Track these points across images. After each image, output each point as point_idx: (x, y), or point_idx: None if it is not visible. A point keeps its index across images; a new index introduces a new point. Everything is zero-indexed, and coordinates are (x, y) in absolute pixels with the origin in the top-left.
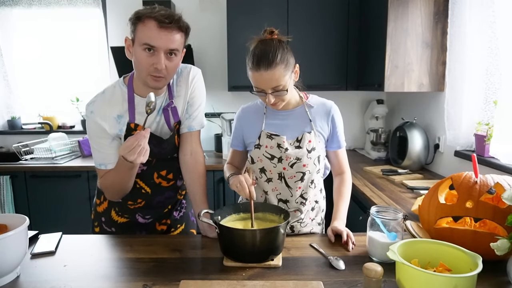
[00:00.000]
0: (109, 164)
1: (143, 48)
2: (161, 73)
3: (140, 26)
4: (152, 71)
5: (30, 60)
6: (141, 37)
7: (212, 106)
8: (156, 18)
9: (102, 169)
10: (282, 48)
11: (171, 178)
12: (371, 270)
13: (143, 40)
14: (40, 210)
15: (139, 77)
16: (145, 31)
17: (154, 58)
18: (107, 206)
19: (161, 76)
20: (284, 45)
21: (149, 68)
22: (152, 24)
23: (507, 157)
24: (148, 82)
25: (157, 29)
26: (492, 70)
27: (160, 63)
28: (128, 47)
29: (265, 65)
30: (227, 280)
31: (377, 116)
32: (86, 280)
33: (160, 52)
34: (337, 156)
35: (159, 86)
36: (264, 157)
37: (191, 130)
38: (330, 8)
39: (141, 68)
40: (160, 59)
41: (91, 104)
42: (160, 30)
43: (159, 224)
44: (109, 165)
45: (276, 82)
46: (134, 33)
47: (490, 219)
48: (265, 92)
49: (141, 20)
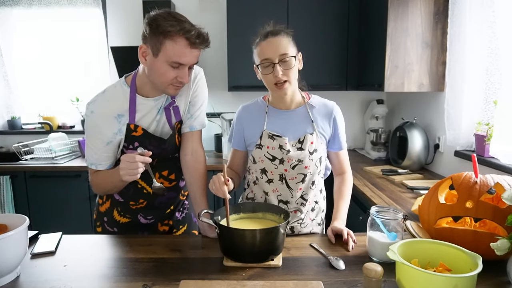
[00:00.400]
0: (100, 165)
1: (170, 64)
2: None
3: (170, 42)
4: (175, 83)
5: (30, 60)
6: (170, 54)
7: (212, 106)
8: (188, 38)
9: (93, 168)
10: (287, 33)
11: (173, 178)
12: (371, 270)
13: (173, 58)
14: (40, 210)
15: (156, 84)
16: (175, 50)
17: (178, 72)
18: (110, 206)
19: (181, 86)
20: (290, 33)
21: (173, 81)
22: (183, 42)
23: (507, 157)
24: (169, 91)
25: (188, 48)
26: (492, 70)
27: (186, 77)
28: (144, 54)
29: (273, 33)
30: (227, 280)
31: (377, 116)
32: (86, 280)
33: (185, 67)
34: (338, 157)
35: (177, 94)
36: (266, 158)
37: (193, 130)
38: (330, 8)
39: (164, 80)
40: (186, 74)
41: (92, 103)
42: (191, 50)
43: (161, 225)
44: (99, 166)
45: (284, 49)
46: (158, 47)
47: (490, 219)
48: (272, 63)
49: (169, 37)
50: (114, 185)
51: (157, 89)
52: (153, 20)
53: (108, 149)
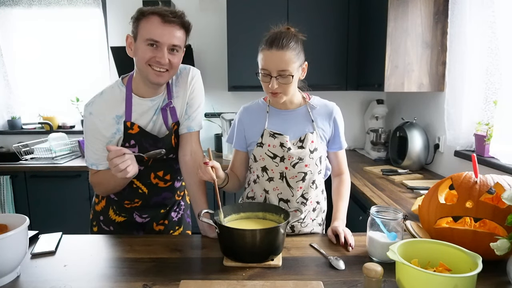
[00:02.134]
0: (100, 165)
1: (146, 43)
2: (163, 67)
3: (144, 22)
4: (155, 65)
5: (30, 60)
6: (144, 33)
7: (212, 106)
8: (159, 14)
9: (93, 169)
10: (296, 40)
11: (168, 179)
12: (371, 270)
13: (147, 35)
14: (40, 210)
15: (141, 74)
16: (148, 27)
17: (156, 51)
18: (105, 204)
19: (162, 70)
20: (299, 39)
21: (151, 61)
22: (156, 19)
23: (507, 157)
24: (150, 78)
25: (160, 24)
26: (492, 70)
27: (164, 57)
28: (129, 44)
29: (278, 45)
30: (227, 280)
31: (377, 116)
32: (86, 280)
33: (163, 47)
34: (337, 157)
35: (160, 82)
36: (267, 155)
37: (191, 131)
38: (330, 8)
39: (143, 63)
40: (164, 53)
41: (90, 105)
42: (163, 25)
43: (156, 224)
44: (100, 166)
45: (285, 65)
46: (136, 30)
47: (490, 219)
48: (270, 75)
49: (144, 16)
50: (116, 184)
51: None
52: (136, 11)
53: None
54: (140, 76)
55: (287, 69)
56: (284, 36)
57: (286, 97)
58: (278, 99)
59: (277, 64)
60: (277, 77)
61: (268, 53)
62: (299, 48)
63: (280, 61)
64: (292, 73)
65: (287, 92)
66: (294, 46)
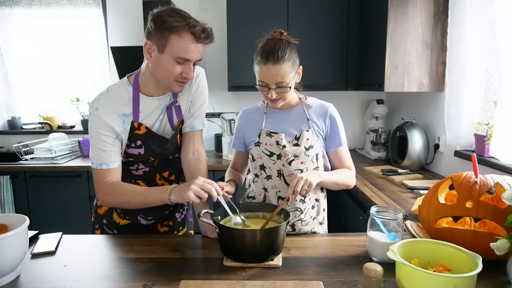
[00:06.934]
0: (111, 163)
1: (176, 60)
2: (187, 79)
3: (175, 37)
4: (180, 78)
5: (30, 60)
6: (176, 50)
7: (212, 106)
8: (193, 33)
9: (104, 169)
10: (290, 48)
11: (173, 179)
12: (371, 270)
13: (179, 53)
14: (40, 210)
15: (159, 81)
16: (181, 44)
17: (184, 67)
18: (109, 208)
19: (186, 81)
20: (292, 45)
21: (177, 76)
22: (189, 38)
23: (507, 157)
24: (173, 88)
25: (193, 42)
26: (492, 70)
27: (191, 72)
28: (149, 51)
29: (274, 59)
30: (227, 280)
31: (377, 116)
32: (86, 280)
33: (190, 63)
34: (338, 155)
35: (181, 91)
36: (264, 154)
37: (194, 129)
38: (330, 8)
39: (169, 76)
40: (191, 70)
41: (96, 101)
42: (196, 45)
43: (161, 226)
44: (111, 164)
45: (282, 78)
46: (164, 42)
47: (490, 219)
48: (268, 87)
49: (175, 32)
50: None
51: (161, 86)
52: (157, 17)
53: (116, 145)
54: (151, 77)
55: (283, 81)
56: (278, 47)
57: (285, 101)
58: (277, 104)
59: (274, 78)
60: (275, 88)
61: (264, 68)
62: (294, 55)
63: (277, 75)
64: (289, 84)
65: (286, 97)
66: (289, 56)
